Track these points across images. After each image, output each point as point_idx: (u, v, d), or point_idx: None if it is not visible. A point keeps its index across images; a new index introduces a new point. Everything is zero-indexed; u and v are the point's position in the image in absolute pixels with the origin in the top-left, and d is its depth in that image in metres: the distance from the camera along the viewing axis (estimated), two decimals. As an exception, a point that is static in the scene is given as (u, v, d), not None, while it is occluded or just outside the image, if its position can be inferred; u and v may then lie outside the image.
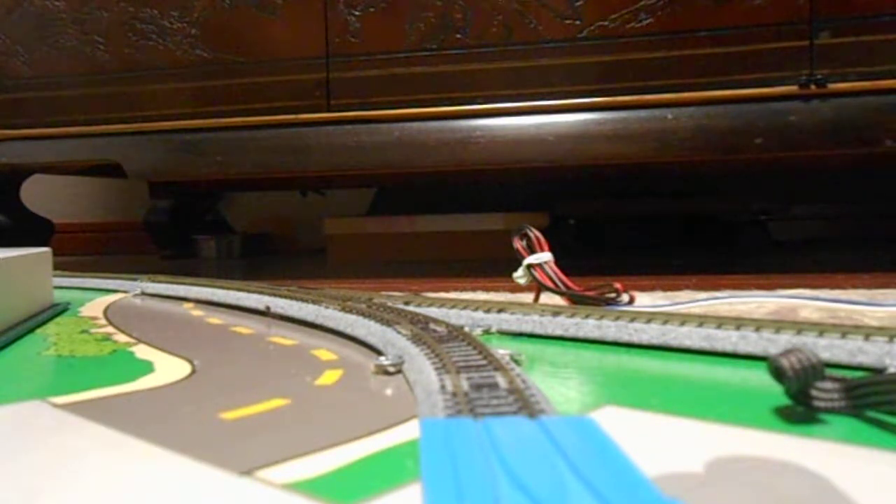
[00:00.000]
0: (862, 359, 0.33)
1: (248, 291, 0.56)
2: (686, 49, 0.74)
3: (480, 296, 0.65)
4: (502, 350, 0.32)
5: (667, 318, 0.40)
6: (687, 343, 0.38)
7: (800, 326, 0.36)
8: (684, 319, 0.39)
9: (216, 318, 0.53)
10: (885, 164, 0.98)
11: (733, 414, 0.27)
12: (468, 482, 0.17)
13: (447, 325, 0.38)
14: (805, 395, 0.26)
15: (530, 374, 0.34)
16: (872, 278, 0.69)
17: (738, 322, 0.38)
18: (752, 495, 0.20)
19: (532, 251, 0.52)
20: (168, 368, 0.37)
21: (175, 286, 0.65)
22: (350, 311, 0.45)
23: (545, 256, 0.52)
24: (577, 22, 0.76)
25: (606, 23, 0.75)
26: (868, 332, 0.34)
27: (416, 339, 0.35)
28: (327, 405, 0.30)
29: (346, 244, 1.14)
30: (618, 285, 0.50)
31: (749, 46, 0.72)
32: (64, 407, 0.30)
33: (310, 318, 0.48)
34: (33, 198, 1.26)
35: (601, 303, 0.50)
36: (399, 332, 0.37)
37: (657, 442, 0.24)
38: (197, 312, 0.57)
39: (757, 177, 1.20)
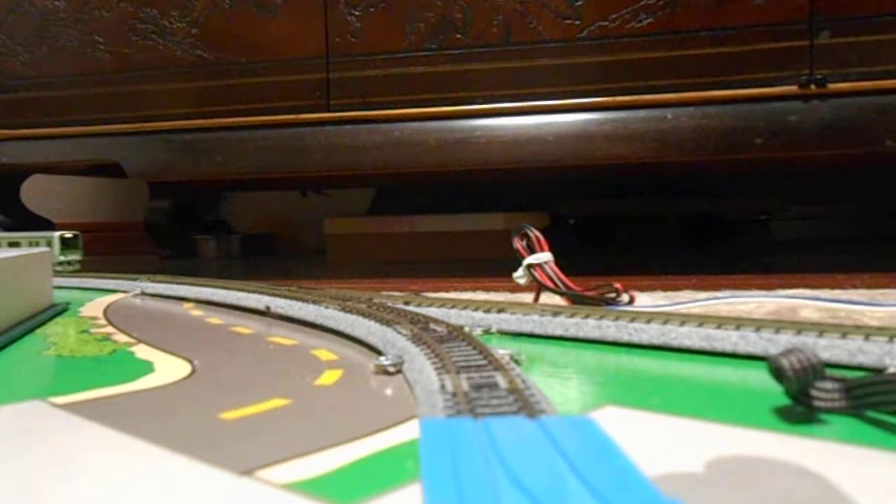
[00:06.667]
0: (862, 359, 0.33)
1: (248, 291, 0.56)
2: (686, 49, 0.74)
3: (480, 296, 0.65)
4: (502, 350, 0.32)
5: (667, 318, 0.40)
6: (687, 343, 0.38)
7: (800, 326, 0.36)
8: (684, 319, 0.39)
9: (216, 318, 0.53)
10: (885, 164, 0.98)
11: (733, 414, 0.27)
12: (468, 482, 0.17)
13: (447, 325, 0.38)
14: (805, 395, 0.26)
15: (530, 374, 0.34)
16: (872, 278, 0.69)
17: (738, 322, 0.38)
18: (752, 495, 0.20)
19: (532, 251, 0.52)
20: (168, 368, 0.37)
21: (175, 286, 0.65)
22: (350, 311, 0.45)
23: (545, 256, 0.52)
24: (577, 22, 0.76)
25: (606, 23, 0.75)
26: (868, 332, 0.34)
27: (416, 339, 0.35)
28: (327, 405, 0.30)
29: (346, 244, 1.14)
30: (618, 285, 0.50)
31: (749, 46, 0.72)
32: (64, 407, 0.30)
33: (310, 318, 0.48)
34: (33, 198, 1.26)
35: (601, 303, 0.50)
36: (399, 332, 0.37)
37: (657, 442, 0.24)
38: (197, 312, 0.57)
39: (757, 177, 1.20)
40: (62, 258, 0.84)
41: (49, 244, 0.83)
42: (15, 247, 0.82)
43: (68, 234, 0.85)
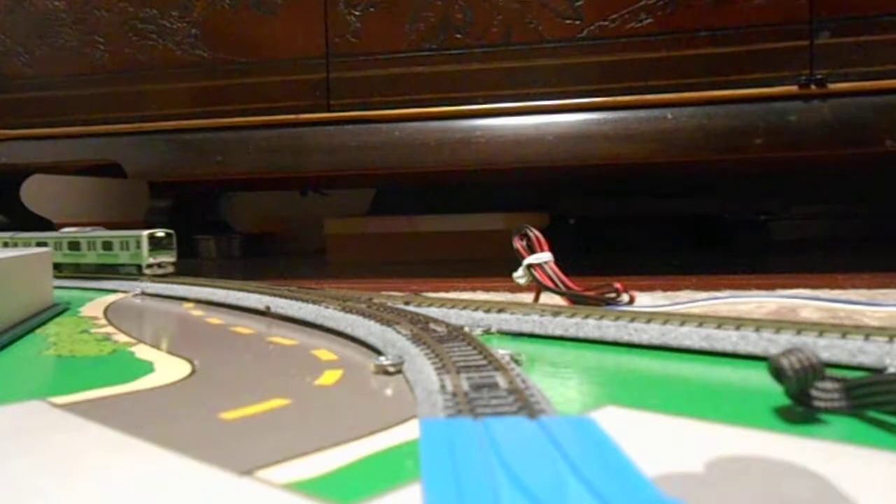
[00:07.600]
0: (862, 359, 0.33)
1: (248, 291, 0.56)
2: (686, 49, 0.74)
3: (480, 296, 0.65)
4: (502, 350, 0.32)
5: (667, 318, 0.40)
6: (687, 343, 0.38)
7: (800, 326, 0.36)
8: (684, 319, 0.39)
9: (216, 318, 0.53)
10: (885, 164, 0.98)
11: (733, 414, 0.27)
12: (468, 482, 0.17)
13: (447, 325, 0.38)
14: (805, 395, 0.26)
15: (530, 374, 0.34)
16: (872, 278, 0.69)
17: (738, 322, 0.38)
18: (752, 495, 0.20)
19: (532, 251, 0.52)
20: (168, 368, 0.37)
21: (175, 286, 0.65)
22: (350, 311, 0.45)
23: (545, 256, 0.52)
24: (577, 22, 0.76)
25: (606, 23, 0.75)
26: (868, 332, 0.34)
27: (416, 339, 0.35)
28: (327, 405, 0.30)
29: (346, 244, 1.14)
30: (618, 285, 0.50)
31: (749, 46, 0.72)
32: (64, 407, 0.30)
33: (310, 318, 0.48)
34: (33, 198, 1.26)
35: (601, 303, 0.50)
36: (399, 332, 0.37)
37: (657, 442, 0.24)
38: (197, 312, 0.57)
39: (757, 177, 1.20)
40: (151, 260, 0.72)
41: (138, 244, 0.72)
42: (108, 248, 0.74)
43: (160, 234, 0.73)
